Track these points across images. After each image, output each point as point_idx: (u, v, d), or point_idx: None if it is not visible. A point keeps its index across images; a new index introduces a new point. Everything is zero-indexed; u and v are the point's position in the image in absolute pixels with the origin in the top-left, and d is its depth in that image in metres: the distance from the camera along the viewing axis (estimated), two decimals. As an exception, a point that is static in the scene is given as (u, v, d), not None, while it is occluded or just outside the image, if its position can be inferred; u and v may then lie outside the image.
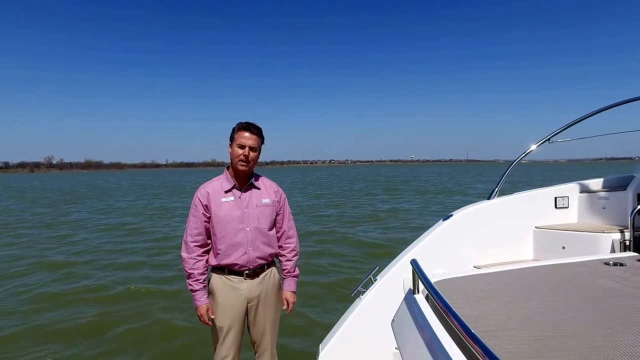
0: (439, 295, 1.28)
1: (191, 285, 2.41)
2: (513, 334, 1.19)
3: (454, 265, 2.84)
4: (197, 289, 2.40)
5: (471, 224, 3.05)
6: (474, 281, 1.76)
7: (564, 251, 2.91)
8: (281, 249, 2.61)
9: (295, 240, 2.65)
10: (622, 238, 2.69)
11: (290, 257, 2.62)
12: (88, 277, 6.80)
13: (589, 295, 1.50)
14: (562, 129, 3.28)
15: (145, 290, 5.98)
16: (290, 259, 2.62)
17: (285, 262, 2.62)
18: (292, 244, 2.63)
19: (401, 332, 1.53)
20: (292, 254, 2.63)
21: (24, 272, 7.28)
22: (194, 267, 2.40)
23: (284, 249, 2.61)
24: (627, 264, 1.85)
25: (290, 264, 2.61)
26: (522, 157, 3.42)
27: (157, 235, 11.15)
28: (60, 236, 11.25)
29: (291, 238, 2.63)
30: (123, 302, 5.53)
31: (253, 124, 2.43)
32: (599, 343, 1.11)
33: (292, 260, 2.62)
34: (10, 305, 5.51)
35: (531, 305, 1.42)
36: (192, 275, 2.40)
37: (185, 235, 2.44)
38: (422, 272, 1.48)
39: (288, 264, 2.61)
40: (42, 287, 6.30)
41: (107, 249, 9.27)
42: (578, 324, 1.25)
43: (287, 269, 2.62)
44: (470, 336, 1.02)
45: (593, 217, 3.18)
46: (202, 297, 2.41)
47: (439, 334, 1.19)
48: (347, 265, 7.32)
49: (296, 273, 2.65)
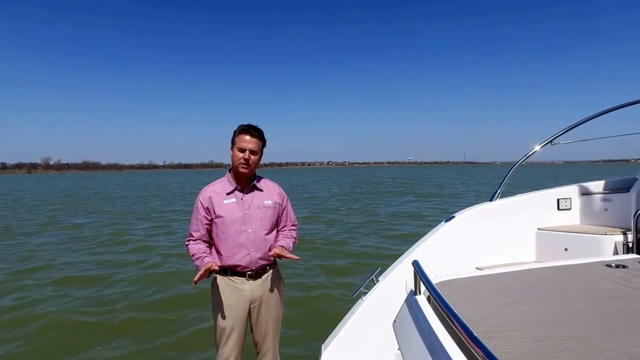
0: (440, 296, 1.29)
1: (198, 259, 2.38)
2: (513, 335, 1.19)
3: (457, 267, 2.84)
4: (203, 257, 2.37)
5: (473, 226, 3.06)
6: (476, 282, 1.76)
7: (566, 253, 2.90)
8: (280, 234, 2.60)
9: (294, 231, 2.68)
10: (625, 240, 2.70)
11: (287, 234, 2.60)
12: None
13: (591, 297, 1.49)
14: (565, 131, 3.29)
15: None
16: (287, 236, 2.59)
17: (282, 239, 2.55)
18: (293, 232, 2.66)
19: (402, 333, 1.53)
20: (291, 233, 2.63)
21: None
22: (197, 246, 2.44)
23: (282, 233, 2.61)
24: (630, 266, 1.84)
25: (286, 241, 2.54)
26: (526, 158, 3.43)
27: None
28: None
29: (291, 225, 2.67)
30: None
31: (254, 127, 2.44)
32: (599, 344, 1.11)
33: (289, 238, 2.58)
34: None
35: (532, 306, 1.42)
36: (197, 252, 2.42)
37: (188, 236, 2.52)
38: (423, 273, 1.49)
39: (284, 241, 2.54)
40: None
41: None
42: (579, 325, 1.24)
43: (280, 243, 2.51)
44: (470, 337, 1.03)
45: (595, 219, 3.18)
46: (206, 258, 2.37)
47: (440, 335, 1.20)
48: (350, 266, 7.34)
49: (290, 241, 2.58)
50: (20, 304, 5.52)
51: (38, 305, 5.42)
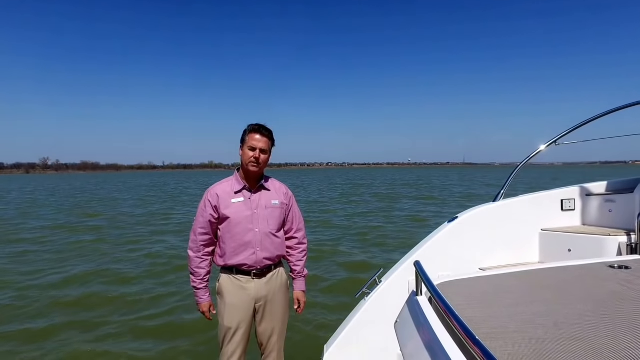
0: (441, 297, 1.29)
1: (194, 283, 2.49)
2: (514, 337, 1.18)
3: (460, 268, 2.84)
4: (200, 287, 2.50)
5: (477, 226, 3.05)
6: (478, 283, 1.76)
7: (570, 254, 2.89)
8: (291, 249, 2.64)
9: (305, 242, 2.70)
10: (629, 241, 2.69)
11: (300, 257, 2.66)
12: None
13: (593, 298, 1.49)
14: (569, 131, 3.29)
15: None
16: (301, 259, 2.66)
17: (296, 262, 2.66)
18: (304, 244, 2.68)
19: (403, 334, 1.53)
20: (302, 254, 2.67)
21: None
22: (200, 267, 2.48)
23: (294, 249, 2.65)
24: (633, 267, 1.83)
25: (301, 265, 2.66)
26: (530, 158, 3.41)
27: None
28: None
29: (302, 239, 2.67)
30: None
31: (264, 127, 2.46)
32: (601, 346, 1.11)
33: (302, 261, 2.67)
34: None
35: (534, 307, 1.41)
36: (196, 274, 2.48)
37: (193, 234, 2.50)
38: (424, 273, 1.50)
39: (299, 265, 2.65)
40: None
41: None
42: (580, 327, 1.24)
43: (297, 270, 2.65)
44: (470, 338, 1.04)
45: (599, 220, 3.17)
46: (204, 295, 2.51)
47: (440, 336, 1.20)
48: (353, 266, 7.36)
49: (305, 273, 2.70)
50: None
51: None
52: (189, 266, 2.51)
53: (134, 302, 5.60)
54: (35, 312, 5.29)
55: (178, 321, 4.88)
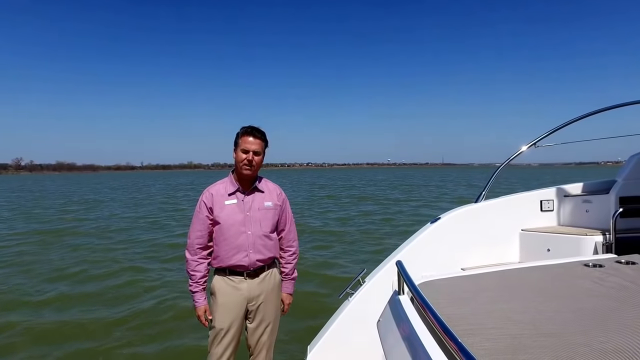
0: (422, 296, 1.33)
1: (191, 286, 2.49)
2: (491, 333, 1.22)
3: (442, 267, 2.89)
4: (196, 290, 2.49)
5: (459, 227, 3.11)
6: (458, 282, 1.80)
7: (548, 253, 2.97)
8: (282, 252, 2.66)
9: (296, 244, 2.72)
10: (604, 240, 2.80)
11: (290, 260, 2.68)
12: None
13: (568, 295, 1.55)
14: (548, 133, 3.38)
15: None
16: (291, 261, 2.68)
17: (285, 265, 2.67)
18: (293, 247, 2.70)
19: (385, 333, 1.57)
20: (293, 257, 2.69)
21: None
22: (196, 270, 2.48)
23: (285, 252, 2.67)
24: (606, 265, 1.90)
25: (290, 267, 2.67)
26: (512, 159, 3.50)
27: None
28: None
29: (292, 241, 2.69)
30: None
31: (257, 129, 2.47)
32: (574, 341, 1.16)
33: (292, 263, 2.68)
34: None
35: (511, 305, 1.46)
36: (193, 277, 2.48)
37: (189, 236, 2.50)
38: (406, 273, 1.53)
39: (287, 267, 2.67)
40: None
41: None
42: (555, 323, 1.29)
43: (286, 272, 2.67)
44: (448, 335, 1.07)
45: (577, 220, 3.27)
46: (200, 299, 2.50)
47: (421, 334, 1.24)
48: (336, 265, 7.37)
49: (294, 275, 2.72)
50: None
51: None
52: (186, 269, 2.51)
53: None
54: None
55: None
